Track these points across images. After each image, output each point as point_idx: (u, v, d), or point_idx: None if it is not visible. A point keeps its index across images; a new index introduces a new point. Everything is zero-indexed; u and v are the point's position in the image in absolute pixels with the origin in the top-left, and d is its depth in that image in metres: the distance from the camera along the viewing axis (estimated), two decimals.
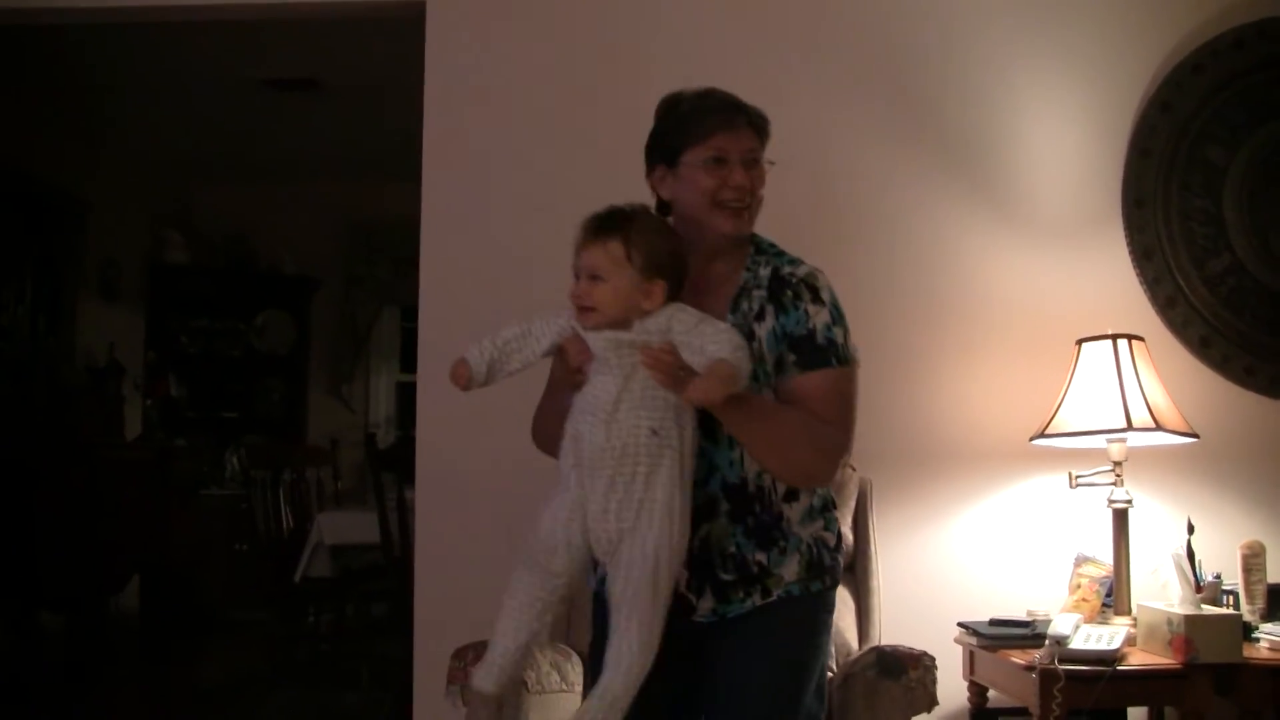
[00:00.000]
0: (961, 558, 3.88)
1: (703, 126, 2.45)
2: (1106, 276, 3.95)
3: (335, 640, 6.77)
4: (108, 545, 7.30)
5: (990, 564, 3.87)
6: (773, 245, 2.58)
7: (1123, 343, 3.55)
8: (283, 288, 9.54)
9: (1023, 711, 3.30)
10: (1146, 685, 3.23)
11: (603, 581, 2.35)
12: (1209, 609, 3.27)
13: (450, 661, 2.66)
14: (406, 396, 9.01)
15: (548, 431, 2.47)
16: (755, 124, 2.49)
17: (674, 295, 2.30)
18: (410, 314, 4.05)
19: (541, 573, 2.28)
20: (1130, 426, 3.43)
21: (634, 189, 3.93)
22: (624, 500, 2.22)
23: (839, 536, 2.56)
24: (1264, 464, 3.91)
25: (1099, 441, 3.56)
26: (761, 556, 2.41)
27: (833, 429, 2.42)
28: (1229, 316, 3.95)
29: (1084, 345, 3.60)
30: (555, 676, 2.95)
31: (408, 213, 4.05)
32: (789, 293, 2.45)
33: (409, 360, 4.10)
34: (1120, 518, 3.54)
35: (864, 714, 2.54)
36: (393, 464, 5.47)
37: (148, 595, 8.19)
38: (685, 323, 2.25)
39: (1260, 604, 3.50)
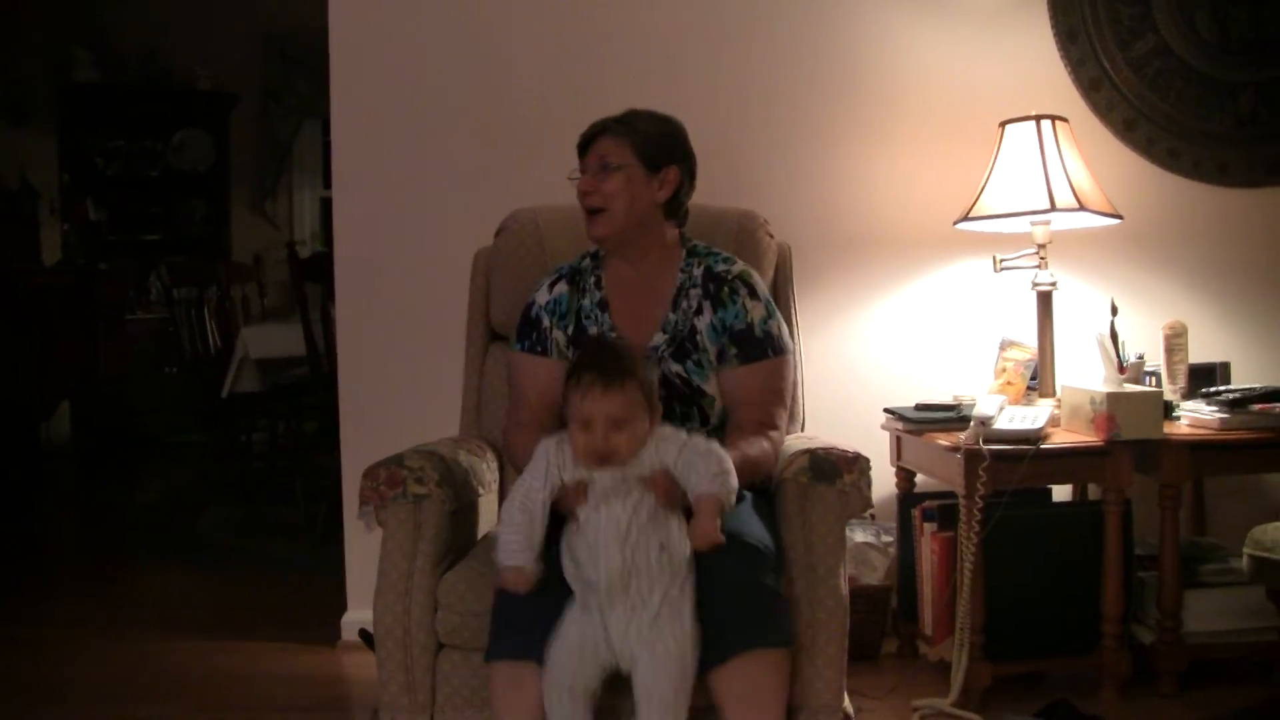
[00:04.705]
0: (886, 344, 3.89)
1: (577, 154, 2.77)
2: (1030, 59, 3.89)
3: (269, 458, 6.76)
4: (34, 372, 7.22)
5: (915, 350, 3.89)
6: (704, 246, 2.85)
7: (1046, 124, 3.50)
8: (199, 104, 9.32)
9: (949, 495, 3.33)
10: (1070, 463, 3.27)
11: None
12: (1131, 388, 3.29)
13: (361, 481, 2.61)
14: (331, 211, 8.88)
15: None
16: (614, 132, 2.71)
17: None
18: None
19: (570, 696, 2.31)
20: (1054, 207, 3.40)
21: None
22: (644, 615, 2.28)
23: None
24: (1187, 246, 3.93)
25: (1023, 225, 3.54)
26: None
27: (773, 430, 2.68)
28: (1154, 99, 3.91)
29: (1007, 127, 3.55)
30: (488, 477, 2.97)
31: (324, 23, 3.90)
32: (725, 289, 2.74)
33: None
34: (1044, 300, 3.54)
35: (796, 519, 2.53)
36: (316, 275, 5.36)
37: (79, 422, 8.15)
38: (669, 452, 2.36)
39: (1181, 383, 3.53)
